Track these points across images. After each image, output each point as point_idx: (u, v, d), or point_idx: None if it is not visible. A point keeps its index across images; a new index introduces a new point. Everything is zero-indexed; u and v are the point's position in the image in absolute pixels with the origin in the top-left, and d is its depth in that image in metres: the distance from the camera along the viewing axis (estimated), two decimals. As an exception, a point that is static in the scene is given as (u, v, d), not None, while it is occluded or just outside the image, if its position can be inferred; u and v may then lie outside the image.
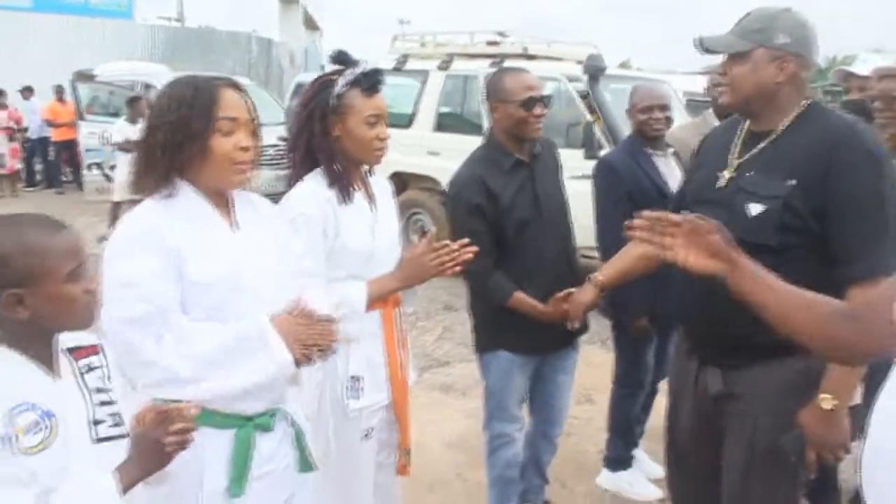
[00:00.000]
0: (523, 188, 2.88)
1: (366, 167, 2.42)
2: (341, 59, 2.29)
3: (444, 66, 7.95)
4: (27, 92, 14.24)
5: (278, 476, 1.99)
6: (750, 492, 2.22)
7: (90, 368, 1.58)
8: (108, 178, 10.77)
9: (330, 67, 2.35)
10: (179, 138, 1.78)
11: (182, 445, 1.55)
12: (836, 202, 2.01)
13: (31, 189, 14.16)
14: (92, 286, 1.52)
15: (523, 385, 3.09)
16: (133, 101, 9.75)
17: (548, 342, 3.00)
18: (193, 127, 1.78)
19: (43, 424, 1.43)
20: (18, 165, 13.91)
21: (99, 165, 11.11)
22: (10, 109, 13.67)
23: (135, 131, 9.35)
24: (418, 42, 8.89)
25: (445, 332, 6.08)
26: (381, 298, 2.34)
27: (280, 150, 10.22)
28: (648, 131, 3.41)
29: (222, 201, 1.91)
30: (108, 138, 10.53)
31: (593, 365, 4.29)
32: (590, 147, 6.46)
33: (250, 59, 19.88)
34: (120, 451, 1.55)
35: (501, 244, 2.85)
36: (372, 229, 2.35)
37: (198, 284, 1.79)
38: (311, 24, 25.46)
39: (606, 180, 3.44)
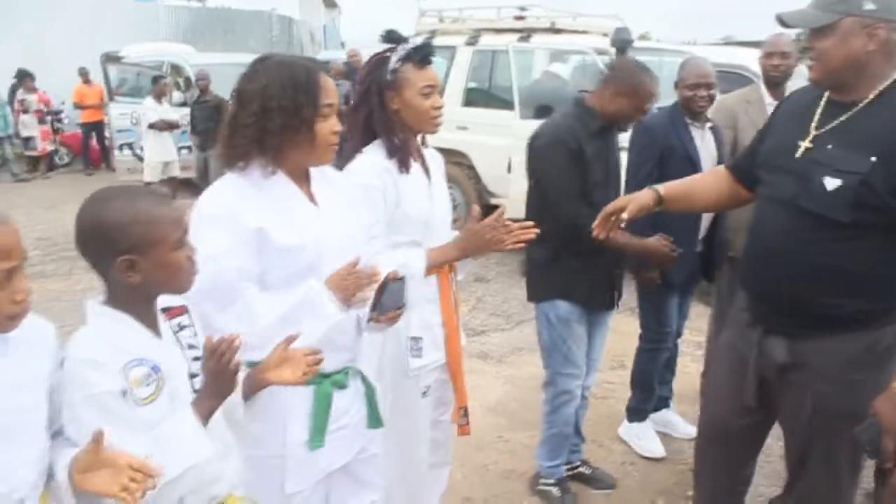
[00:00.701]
0: (600, 153, 3.08)
1: (419, 138, 2.53)
2: (392, 37, 2.41)
3: (472, 41, 8.01)
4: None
5: (352, 429, 2.13)
6: (812, 458, 2.25)
7: (181, 327, 1.72)
8: (140, 159, 10.95)
9: (380, 47, 2.45)
10: (290, 121, 1.89)
11: (235, 370, 1.63)
12: None
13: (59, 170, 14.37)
14: (192, 254, 1.65)
15: (584, 335, 3.23)
16: (156, 81, 9.92)
17: (599, 297, 3.19)
18: (304, 112, 1.90)
19: (153, 378, 1.57)
20: (50, 147, 14.14)
21: (130, 146, 11.26)
22: (39, 92, 13.88)
23: (164, 110, 9.58)
24: (437, 18, 8.93)
25: (479, 303, 6.22)
26: (439, 266, 2.47)
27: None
28: (693, 107, 3.52)
29: (302, 176, 2.03)
30: (138, 119, 10.71)
31: (624, 333, 4.41)
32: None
33: (272, 38, 19.96)
34: None
35: None
36: (429, 197, 2.48)
37: (285, 251, 1.91)
38: (329, 2, 25.47)
39: (642, 139, 3.58)
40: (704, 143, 3.58)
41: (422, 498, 2.73)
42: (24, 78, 13.69)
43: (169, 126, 9.63)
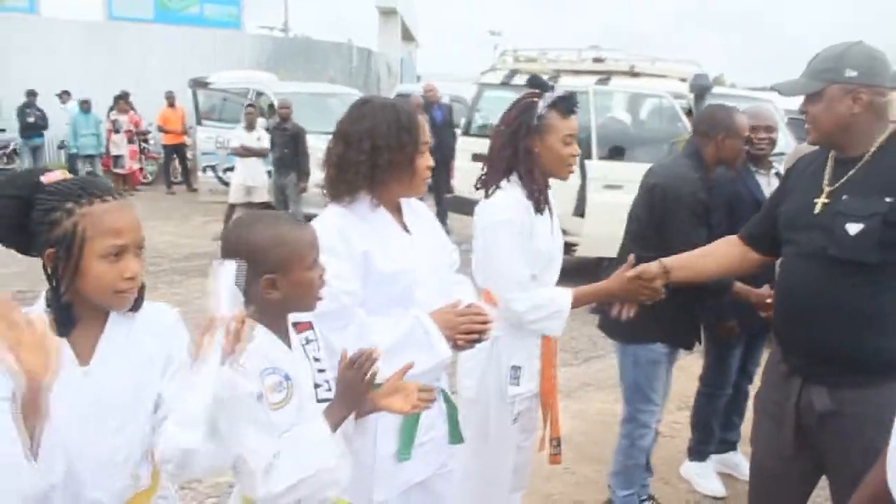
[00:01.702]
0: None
1: None
2: (537, 83, 2.59)
3: (552, 81, 8.18)
4: (65, 95, 15.15)
5: (435, 444, 2.28)
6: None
7: (308, 341, 1.89)
8: (222, 181, 11.39)
9: (519, 92, 2.65)
10: (396, 158, 2.11)
11: (373, 375, 1.78)
12: None
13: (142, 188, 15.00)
14: (323, 273, 1.82)
15: (665, 376, 3.39)
16: (249, 109, 10.32)
17: (689, 339, 3.37)
18: (408, 150, 2.12)
19: (283, 385, 1.74)
20: (136, 166, 14.80)
21: (213, 168, 11.73)
22: (130, 113, 14.58)
23: (250, 138, 9.94)
24: (516, 57, 9.13)
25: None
26: (584, 304, 2.68)
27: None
28: (752, 150, 3.61)
29: (395, 208, 2.23)
30: (223, 143, 11.17)
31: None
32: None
33: (351, 69, 20.52)
34: None
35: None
36: (552, 235, 2.66)
37: (386, 276, 2.10)
38: (407, 35, 26.05)
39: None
40: (770, 189, 3.64)
41: None
42: (118, 100, 14.41)
43: (254, 153, 9.98)
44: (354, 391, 1.79)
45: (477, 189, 2.66)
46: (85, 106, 13.90)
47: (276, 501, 1.68)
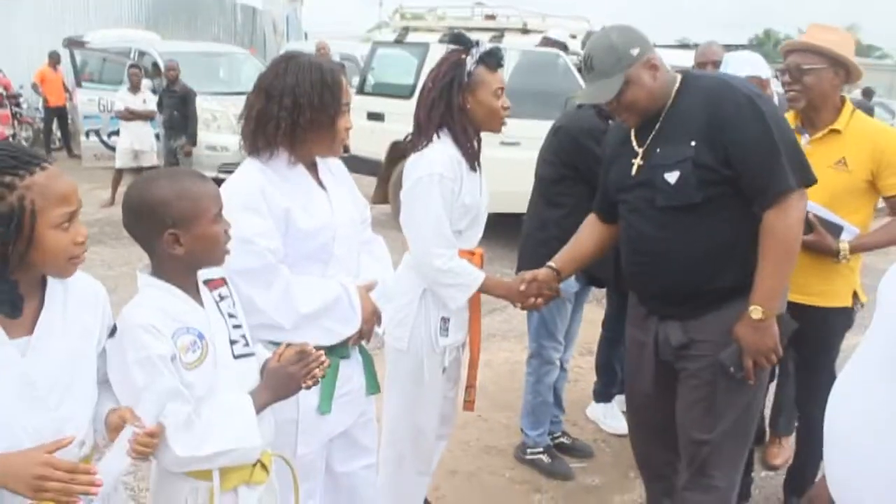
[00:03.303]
0: None
1: None
2: (460, 40, 2.62)
3: (445, 39, 8.21)
4: None
5: (353, 395, 2.35)
6: (717, 413, 2.45)
7: (221, 297, 1.89)
8: (107, 146, 10.92)
9: (446, 47, 2.67)
10: (318, 117, 2.11)
11: (315, 383, 1.89)
12: (733, 147, 2.25)
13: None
14: (228, 228, 1.82)
15: (569, 313, 3.56)
16: (133, 70, 9.91)
17: (595, 279, 3.55)
18: (330, 109, 2.13)
19: (198, 345, 1.75)
20: (7, 132, 13.95)
21: (97, 132, 11.23)
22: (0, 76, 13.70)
23: (135, 100, 9.58)
24: (410, 15, 9.12)
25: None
26: (491, 293, 2.74)
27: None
28: None
29: (312, 166, 2.25)
30: (107, 106, 10.70)
31: (592, 321, 4.66)
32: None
33: (235, 27, 19.87)
34: (251, 367, 1.89)
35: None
36: (479, 190, 2.71)
37: (305, 233, 2.12)
38: (292, -8, 25.36)
39: None
40: None
41: (427, 463, 2.96)
42: (-18, 61, 13.52)
43: (141, 116, 9.62)
44: (290, 385, 1.85)
45: (406, 146, 2.68)
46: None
47: (194, 464, 1.73)
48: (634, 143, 2.47)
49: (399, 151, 7.95)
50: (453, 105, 2.58)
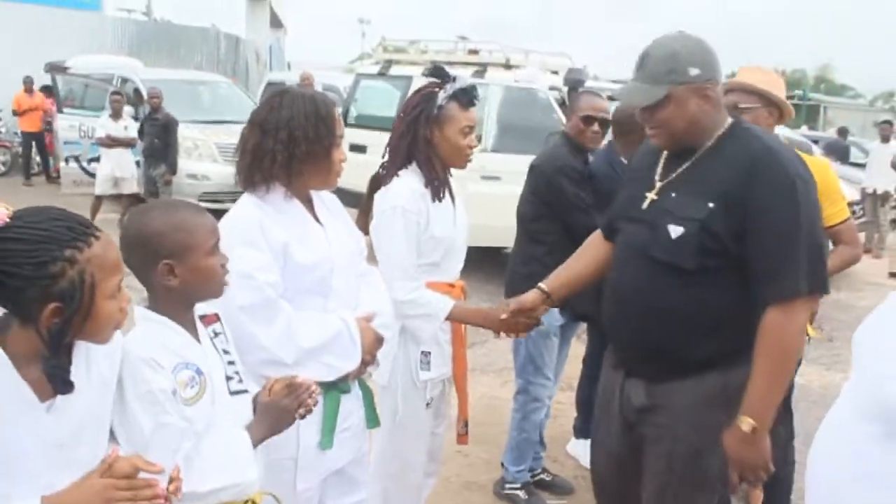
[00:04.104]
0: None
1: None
2: (437, 73, 2.64)
3: (426, 72, 8.29)
4: None
5: (354, 430, 2.34)
6: (668, 501, 2.26)
7: (216, 333, 1.89)
8: (87, 172, 10.87)
9: (424, 80, 2.69)
10: (313, 149, 2.13)
11: (308, 412, 1.89)
12: (753, 224, 2.05)
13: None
14: (226, 261, 1.82)
15: (556, 348, 3.56)
16: (115, 97, 9.90)
17: (578, 312, 3.53)
18: (325, 141, 2.15)
19: (196, 380, 1.73)
20: (-14, 155, 13.87)
21: (77, 158, 11.18)
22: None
23: (116, 127, 9.55)
24: (383, 46, 9.19)
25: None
26: (460, 321, 2.73)
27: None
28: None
29: (307, 200, 2.26)
30: (87, 132, 10.66)
31: (573, 357, 4.66)
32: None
33: (218, 55, 19.93)
34: (245, 404, 1.88)
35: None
36: (454, 223, 2.72)
37: (304, 267, 2.13)
38: (275, 22, 25.53)
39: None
40: None
41: (415, 500, 2.94)
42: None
43: (121, 143, 9.60)
44: (284, 419, 1.85)
45: (381, 175, 2.70)
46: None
47: (195, 500, 1.69)
48: (657, 175, 2.28)
49: (379, 183, 7.97)
50: (419, 136, 2.60)
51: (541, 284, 2.59)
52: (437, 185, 2.63)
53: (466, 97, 2.60)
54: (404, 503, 2.88)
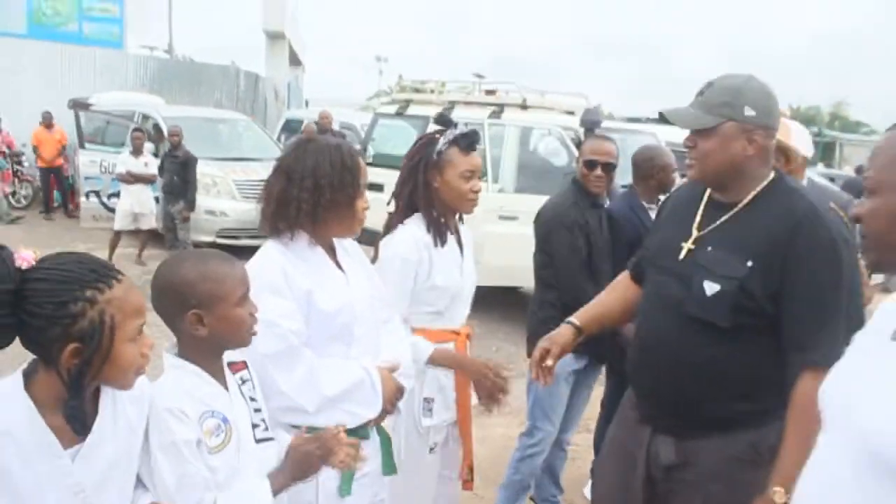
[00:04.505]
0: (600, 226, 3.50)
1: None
2: (443, 121, 2.74)
3: (447, 111, 8.37)
4: None
5: (372, 476, 2.35)
6: None
7: (243, 381, 1.92)
8: (106, 207, 11.00)
9: (432, 127, 2.77)
10: (338, 197, 2.16)
11: (326, 463, 1.91)
12: (793, 286, 2.01)
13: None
14: (255, 310, 1.85)
15: (566, 396, 3.55)
16: (136, 134, 10.04)
17: (598, 354, 3.51)
18: (349, 190, 2.18)
19: (222, 428, 1.75)
20: (7, 189, 14.04)
21: (97, 193, 11.31)
22: (3, 133, 13.85)
23: (137, 163, 9.68)
24: (400, 86, 9.27)
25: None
26: (439, 365, 2.71)
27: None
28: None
29: (329, 247, 2.29)
30: (108, 168, 10.80)
31: (594, 399, 4.65)
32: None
33: (238, 93, 20.17)
34: (270, 451, 1.90)
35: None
36: (460, 270, 2.73)
37: (326, 314, 2.16)
38: (294, 60, 25.84)
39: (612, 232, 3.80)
40: None
41: None
42: (-14, 120, 13.67)
43: (142, 179, 9.72)
44: (309, 465, 1.88)
45: (391, 226, 2.73)
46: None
47: None
48: (696, 223, 2.21)
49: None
50: (419, 183, 2.65)
51: (572, 318, 2.52)
52: (439, 231, 2.65)
53: (467, 141, 2.64)
54: None
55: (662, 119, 2.23)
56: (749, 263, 2.04)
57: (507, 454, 4.62)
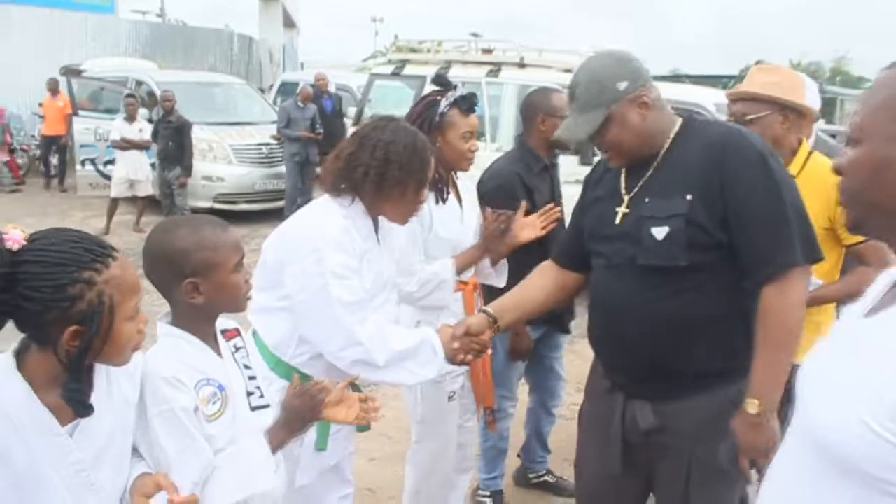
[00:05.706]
0: (546, 190, 3.32)
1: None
2: (441, 81, 2.79)
3: (443, 70, 8.26)
4: None
5: (345, 433, 2.41)
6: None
7: (237, 348, 1.89)
8: (103, 175, 10.94)
9: (429, 88, 2.80)
10: (403, 178, 2.23)
11: (318, 414, 1.92)
12: (736, 206, 2.01)
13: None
14: (249, 277, 1.83)
15: (521, 365, 3.53)
16: (129, 100, 9.95)
17: (563, 320, 3.48)
18: (416, 175, 2.25)
19: (218, 396, 1.73)
20: (4, 158, 13.93)
21: (93, 161, 11.25)
22: (-5, 102, 13.72)
23: (131, 130, 9.60)
24: (397, 46, 9.18)
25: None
26: (466, 268, 2.78)
27: (273, 148, 10.52)
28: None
29: (375, 220, 2.35)
30: (103, 135, 10.72)
31: (587, 357, 4.64)
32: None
33: (232, 56, 19.99)
34: (267, 418, 1.88)
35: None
36: (461, 222, 2.83)
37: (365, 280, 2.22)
38: (288, 22, 25.57)
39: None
40: None
41: (445, 500, 2.99)
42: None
43: (136, 146, 9.66)
44: (302, 419, 1.88)
45: None
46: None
47: None
48: (623, 189, 2.21)
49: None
50: None
51: (487, 308, 2.48)
52: (441, 188, 2.75)
53: (466, 103, 2.74)
54: (436, 498, 2.94)
55: (571, 143, 2.29)
56: (689, 197, 2.04)
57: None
